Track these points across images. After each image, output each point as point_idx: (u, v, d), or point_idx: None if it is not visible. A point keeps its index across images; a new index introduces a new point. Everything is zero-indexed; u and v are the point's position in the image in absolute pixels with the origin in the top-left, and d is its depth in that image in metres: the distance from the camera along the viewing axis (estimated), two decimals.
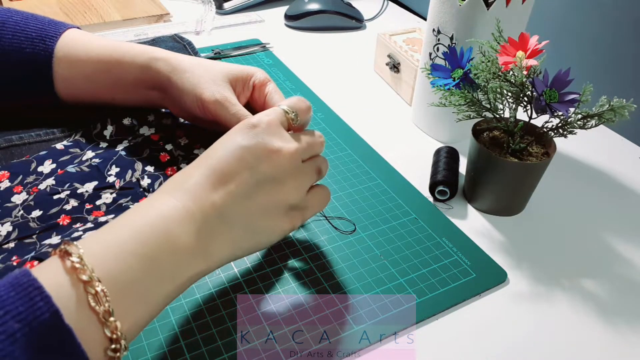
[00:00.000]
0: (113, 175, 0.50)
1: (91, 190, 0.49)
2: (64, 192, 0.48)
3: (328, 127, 0.66)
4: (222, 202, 0.35)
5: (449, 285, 0.45)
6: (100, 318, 0.28)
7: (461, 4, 0.55)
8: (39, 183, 0.49)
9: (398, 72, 0.73)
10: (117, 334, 0.28)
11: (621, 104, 0.43)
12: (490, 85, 0.47)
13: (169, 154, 0.54)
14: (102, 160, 0.52)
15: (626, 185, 0.60)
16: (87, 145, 0.54)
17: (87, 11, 0.89)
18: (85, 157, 0.52)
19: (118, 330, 0.28)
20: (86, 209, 0.47)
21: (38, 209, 0.46)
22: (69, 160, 0.52)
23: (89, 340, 0.27)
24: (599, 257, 0.50)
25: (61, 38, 0.53)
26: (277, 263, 0.46)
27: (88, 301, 0.28)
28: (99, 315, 0.28)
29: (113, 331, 0.28)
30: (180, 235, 0.33)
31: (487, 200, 0.54)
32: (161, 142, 0.56)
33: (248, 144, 0.37)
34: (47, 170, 0.50)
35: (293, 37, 0.90)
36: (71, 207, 0.47)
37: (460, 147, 0.61)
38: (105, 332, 0.28)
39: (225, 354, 0.39)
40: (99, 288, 0.28)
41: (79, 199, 0.48)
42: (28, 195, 0.47)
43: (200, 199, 0.35)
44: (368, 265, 0.47)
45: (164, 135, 0.57)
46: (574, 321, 0.44)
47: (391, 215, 0.52)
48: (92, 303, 0.28)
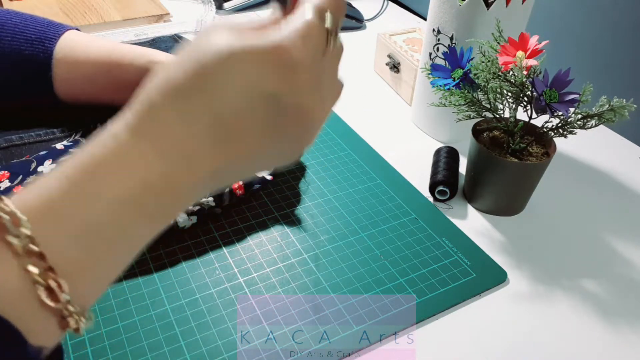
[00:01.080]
0: None
1: None
2: None
3: (328, 127, 0.66)
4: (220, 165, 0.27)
5: (449, 285, 0.45)
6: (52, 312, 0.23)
7: (461, 4, 0.55)
8: None
9: (398, 72, 0.73)
10: (74, 316, 0.23)
11: (621, 104, 0.43)
12: (490, 85, 0.47)
13: None
14: None
15: (626, 185, 0.60)
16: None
17: (87, 11, 0.89)
18: None
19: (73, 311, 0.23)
20: None
21: None
22: None
23: (35, 328, 0.23)
24: (599, 257, 0.50)
25: (60, 40, 0.53)
26: (277, 263, 0.46)
27: (37, 295, 0.22)
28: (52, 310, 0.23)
29: (68, 314, 0.23)
30: (153, 202, 0.25)
31: (487, 200, 0.54)
32: None
33: (276, 87, 0.26)
34: (47, 170, 0.50)
35: None
36: None
37: (460, 147, 0.61)
38: (59, 320, 0.23)
39: (225, 353, 0.39)
40: (52, 283, 0.23)
41: None
42: None
43: (187, 161, 0.26)
44: (368, 265, 0.47)
45: None
46: (574, 321, 0.44)
47: (391, 215, 0.52)
48: (44, 297, 0.22)
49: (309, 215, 0.52)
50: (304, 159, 0.60)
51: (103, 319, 0.40)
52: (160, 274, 0.45)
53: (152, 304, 0.42)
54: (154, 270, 0.45)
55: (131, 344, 0.39)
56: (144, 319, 0.41)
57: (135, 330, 0.40)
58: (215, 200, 0.49)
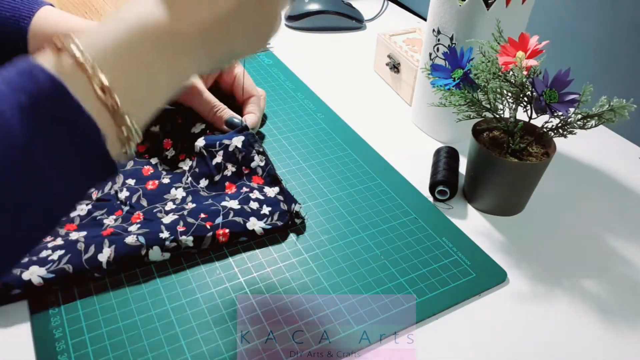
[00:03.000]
0: None
1: None
2: None
3: (328, 127, 0.66)
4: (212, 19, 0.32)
5: (449, 285, 0.45)
6: (109, 108, 0.28)
7: (461, 4, 0.55)
8: None
9: (398, 72, 0.73)
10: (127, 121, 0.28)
11: (621, 104, 0.43)
12: (490, 86, 0.47)
13: (153, 168, 0.54)
14: None
15: (626, 185, 0.60)
16: None
17: (88, 11, 0.89)
18: None
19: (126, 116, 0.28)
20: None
21: None
22: None
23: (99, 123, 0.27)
24: (599, 257, 0.50)
25: (35, 17, 0.53)
26: (277, 263, 0.46)
27: (95, 92, 0.27)
28: (107, 106, 0.28)
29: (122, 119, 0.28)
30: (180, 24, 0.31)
31: (487, 200, 0.54)
32: (146, 155, 0.56)
33: None
34: None
35: (293, 38, 0.90)
36: None
37: (460, 147, 0.61)
38: (116, 120, 0.28)
39: (226, 353, 0.39)
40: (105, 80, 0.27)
41: None
42: None
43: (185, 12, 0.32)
44: (368, 265, 0.47)
45: (151, 146, 0.57)
46: (574, 321, 0.44)
47: (391, 215, 0.52)
48: (100, 93, 0.27)
49: (309, 215, 0.52)
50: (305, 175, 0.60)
51: (104, 318, 0.41)
52: (160, 273, 0.45)
53: (153, 304, 0.42)
54: (154, 270, 0.45)
55: (132, 343, 0.39)
56: (144, 319, 0.41)
57: (135, 329, 0.40)
58: (195, 242, 0.46)
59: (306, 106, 0.70)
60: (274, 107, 0.69)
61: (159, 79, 0.31)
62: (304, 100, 0.71)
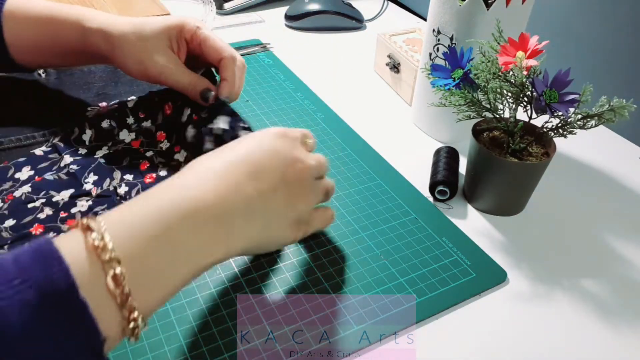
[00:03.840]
0: (90, 183, 0.50)
1: (67, 198, 0.48)
2: (39, 200, 0.47)
3: (328, 127, 0.66)
4: (252, 194, 0.36)
5: (449, 285, 0.45)
6: (117, 300, 0.28)
7: (461, 4, 0.55)
8: (14, 190, 0.48)
9: (398, 72, 0.73)
10: (134, 315, 0.29)
11: (621, 104, 0.43)
12: (490, 86, 0.47)
13: (149, 161, 0.54)
14: (80, 168, 0.51)
15: (626, 185, 0.60)
16: (65, 148, 0.54)
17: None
18: (63, 162, 0.52)
19: (135, 311, 0.29)
20: (60, 218, 0.46)
21: (11, 218, 0.46)
22: (47, 167, 0.51)
23: (105, 319, 0.27)
24: (599, 257, 0.50)
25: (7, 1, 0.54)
26: (277, 263, 0.46)
27: (106, 282, 0.28)
28: (116, 298, 0.28)
29: (130, 311, 0.28)
30: (206, 221, 0.33)
31: (487, 200, 0.54)
32: (141, 149, 0.56)
33: (283, 149, 0.40)
34: (25, 177, 0.50)
35: (293, 38, 0.90)
36: (45, 216, 0.46)
37: (460, 147, 0.61)
38: (123, 313, 0.28)
39: (226, 353, 0.39)
40: (118, 270, 0.28)
41: (54, 207, 0.47)
42: (3, 203, 0.47)
43: (234, 185, 0.35)
44: (368, 265, 0.47)
45: (144, 140, 0.56)
46: (574, 321, 0.44)
47: (391, 215, 0.52)
48: (111, 284, 0.28)
49: None
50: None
51: None
52: None
53: None
54: None
55: (131, 343, 0.39)
56: None
57: None
58: None
59: (306, 106, 0.70)
60: (274, 107, 0.69)
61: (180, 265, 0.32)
62: (304, 100, 0.71)
